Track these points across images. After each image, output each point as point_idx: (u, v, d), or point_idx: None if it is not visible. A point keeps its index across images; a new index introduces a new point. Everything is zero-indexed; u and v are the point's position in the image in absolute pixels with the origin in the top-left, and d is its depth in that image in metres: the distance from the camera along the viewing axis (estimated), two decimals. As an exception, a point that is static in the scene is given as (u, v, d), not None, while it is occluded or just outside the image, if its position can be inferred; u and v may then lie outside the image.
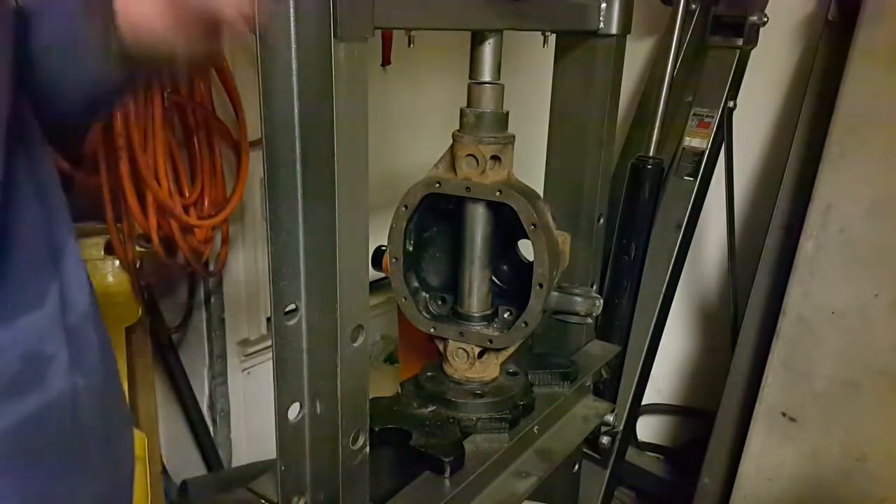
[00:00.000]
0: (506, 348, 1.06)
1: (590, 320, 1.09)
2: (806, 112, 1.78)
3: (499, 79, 0.97)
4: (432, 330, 1.06)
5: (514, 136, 0.98)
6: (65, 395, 0.51)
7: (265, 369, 2.10)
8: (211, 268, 1.82)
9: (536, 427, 1.07)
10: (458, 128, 0.98)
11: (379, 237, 0.98)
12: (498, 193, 0.95)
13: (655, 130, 1.74)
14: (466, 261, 1.05)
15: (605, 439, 1.43)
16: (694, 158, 1.86)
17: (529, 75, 1.50)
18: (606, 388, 1.45)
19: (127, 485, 0.64)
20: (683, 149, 1.87)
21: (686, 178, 1.86)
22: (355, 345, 0.75)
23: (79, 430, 0.53)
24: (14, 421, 0.46)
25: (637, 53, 2.12)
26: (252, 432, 2.13)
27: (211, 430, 2.05)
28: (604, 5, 1.07)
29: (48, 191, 0.55)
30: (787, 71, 1.97)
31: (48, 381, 0.49)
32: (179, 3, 0.58)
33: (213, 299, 1.96)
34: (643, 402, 2.05)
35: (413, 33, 0.84)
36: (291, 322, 0.74)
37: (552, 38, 1.08)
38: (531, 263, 0.99)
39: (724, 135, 1.85)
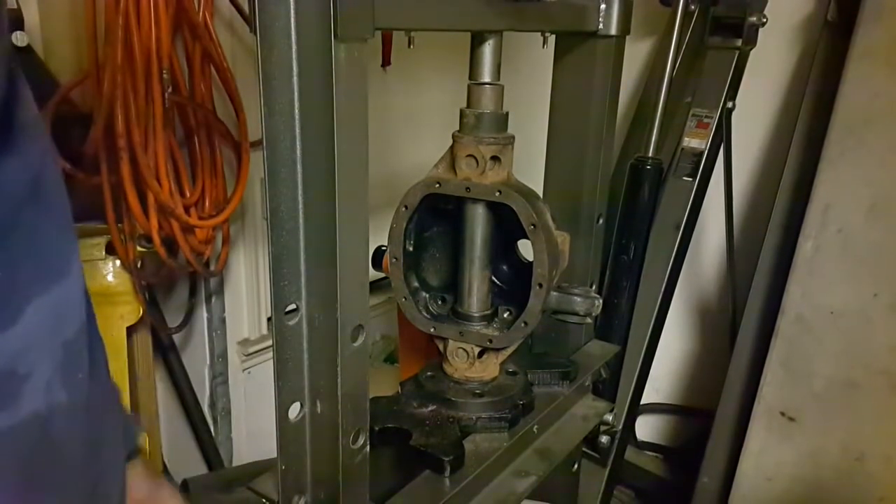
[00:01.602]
0: (505, 348, 1.06)
1: (589, 320, 1.09)
2: (805, 112, 1.78)
3: (498, 79, 0.98)
4: (432, 330, 1.06)
5: (513, 137, 0.99)
6: (39, 414, 0.48)
7: (266, 369, 2.10)
8: (212, 268, 1.83)
9: (536, 426, 1.08)
10: (457, 128, 0.98)
11: (379, 237, 0.98)
12: (498, 194, 0.95)
13: (654, 131, 1.74)
14: (466, 261, 1.05)
15: (604, 438, 1.43)
16: (693, 159, 1.86)
17: (529, 76, 1.50)
18: (606, 388, 1.46)
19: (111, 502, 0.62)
20: (682, 149, 1.88)
21: (685, 178, 1.87)
22: (355, 345, 0.76)
23: (51, 449, 0.51)
24: None
25: (636, 54, 2.13)
26: (253, 431, 2.13)
27: (212, 429, 2.05)
28: (603, 6, 1.07)
29: (48, 197, 0.51)
30: (786, 71, 1.98)
31: (20, 402, 0.46)
32: None
33: (213, 299, 1.96)
34: (642, 402, 2.05)
35: (413, 34, 0.85)
36: (292, 322, 0.74)
37: (552, 38, 1.08)
38: (531, 263, 0.99)
39: (723, 135, 1.86)
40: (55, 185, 0.52)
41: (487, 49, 0.96)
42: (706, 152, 1.85)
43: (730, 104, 1.84)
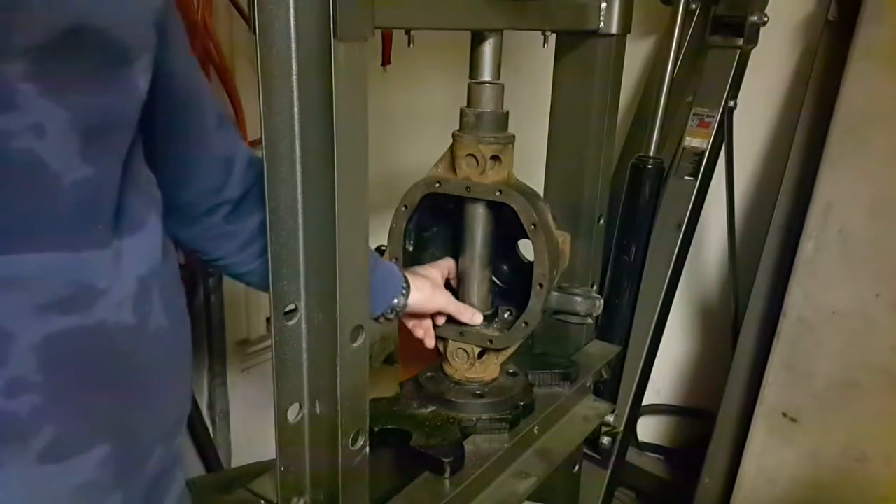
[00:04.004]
0: (506, 348, 1.06)
1: (590, 320, 1.09)
2: (806, 112, 1.77)
3: (499, 78, 0.97)
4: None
5: (514, 136, 0.98)
6: (106, 325, 0.59)
7: (265, 370, 2.09)
8: (210, 268, 1.82)
9: (536, 427, 1.08)
10: (458, 127, 0.98)
11: (379, 237, 0.98)
12: (498, 193, 0.95)
13: (656, 130, 1.74)
14: (467, 261, 1.05)
15: (605, 440, 1.43)
16: (694, 158, 1.85)
17: (529, 75, 1.50)
18: (607, 389, 1.45)
19: (170, 429, 0.73)
20: (684, 149, 1.87)
21: (686, 177, 1.86)
22: (355, 345, 0.75)
23: (115, 360, 0.62)
24: (54, 331, 0.56)
25: (637, 53, 2.12)
26: (251, 432, 2.13)
27: (210, 430, 2.05)
28: (604, 5, 1.07)
29: (133, 167, 0.64)
30: (787, 71, 1.97)
31: (93, 310, 0.58)
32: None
33: (212, 299, 1.95)
34: (643, 403, 2.04)
35: (413, 33, 0.84)
36: (291, 322, 0.74)
37: (552, 37, 1.08)
38: (531, 263, 0.99)
39: (724, 134, 1.85)
40: (140, 167, 0.67)
41: (488, 48, 0.95)
42: (708, 152, 1.84)
43: (731, 103, 1.83)
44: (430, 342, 1.07)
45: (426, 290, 0.99)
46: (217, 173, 0.79)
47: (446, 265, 1.09)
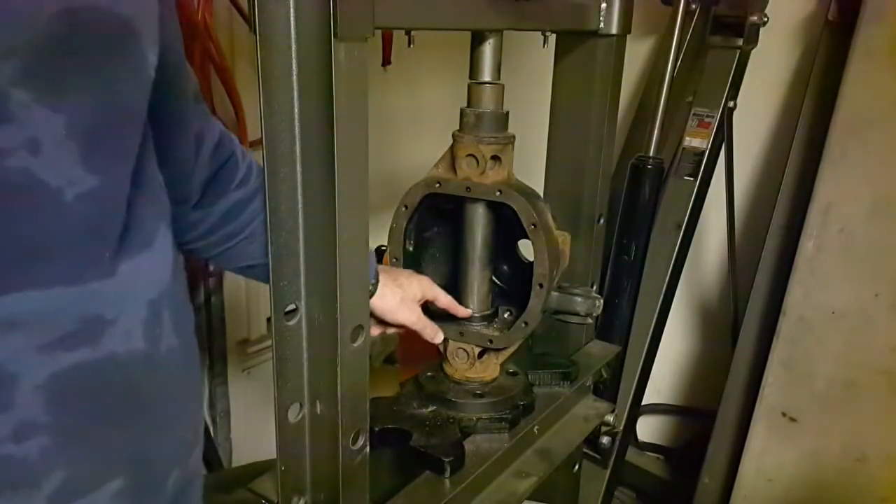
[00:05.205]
0: (506, 348, 1.06)
1: (590, 320, 1.09)
2: (806, 112, 1.78)
3: (499, 79, 0.97)
4: (432, 330, 1.06)
5: (514, 136, 0.98)
6: (116, 356, 0.56)
7: (265, 369, 2.09)
8: (211, 268, 1.82)
9: (536, 427, 1.08)
10: (458, 128, 0.98)
11: (379, 237, 0.98)
12: (498, 193, 0.95)
13: (655, 130, 1.74)
14: (467, 261, 1.05)
15: (605, 439, 1.43)
16: (694, 158, 1.85)
17: (529, 75, 1.50)
18: (606, 388, 1.45)
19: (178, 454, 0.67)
20: (683, 149, 1.87)
21: (686, 178, 1.86)
22: (355, 345, 0.75)
23: (126, 389, 0.58)
24: (61, 369, 0.52)
25: (637, 53, 2.12)
26: (252, 432, 2.13)
27: (211, 429, 2.05)
28: (604, 5, 1.07)
29: (146, 178, 0.60)
30: (787, 71, 1.97)
31: (101, 342, 0.55)
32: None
33: (213, 299, 1.95)
34: (643, 402, 2.04)
35: (413, 33, 0.84)
36: (291, 322, 0.74)
37: (552, 37, 1.08)
38: (531, 263, 0.99)
39: (724, 135, 1.85)
40: (153, 171, 0.63)
41: (488, 48, 0.95)
42: (707, 152, 1.84)
43: (731, 103, 1.83)
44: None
45: (391, 301, 0.94)
46: (189, 149, 0.74)
47: (431, 287, 1.02)
